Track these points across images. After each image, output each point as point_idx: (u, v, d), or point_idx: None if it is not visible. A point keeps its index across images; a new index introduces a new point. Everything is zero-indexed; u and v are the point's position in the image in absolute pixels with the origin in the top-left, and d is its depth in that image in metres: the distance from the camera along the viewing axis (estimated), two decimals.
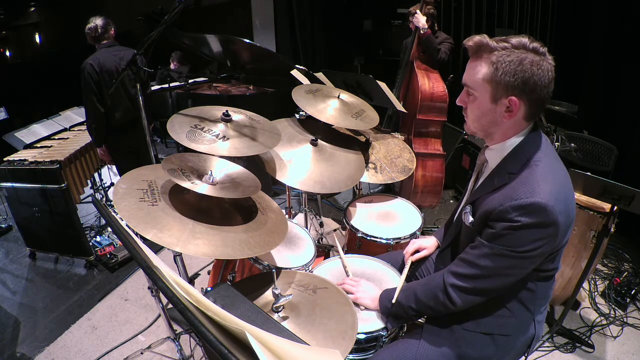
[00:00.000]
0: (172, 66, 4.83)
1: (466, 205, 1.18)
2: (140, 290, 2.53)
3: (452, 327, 1.21)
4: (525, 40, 0.98)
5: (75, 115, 3.45)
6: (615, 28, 2.97)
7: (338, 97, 1.97)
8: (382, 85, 2.28)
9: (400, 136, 2.35)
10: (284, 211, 1.93)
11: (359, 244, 1.84)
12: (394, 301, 1.25)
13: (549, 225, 0.97)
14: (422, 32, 2.72)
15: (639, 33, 2.75)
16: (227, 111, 1.61)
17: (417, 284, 1.26)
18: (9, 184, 2.58)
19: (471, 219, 1.14)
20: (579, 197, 2.02)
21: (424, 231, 2.40)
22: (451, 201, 3.66)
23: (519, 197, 0.98)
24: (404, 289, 1.28)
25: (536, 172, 1.01)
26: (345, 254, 1.64)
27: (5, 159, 2.60)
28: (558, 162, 1.09)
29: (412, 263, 1.51)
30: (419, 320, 1.32)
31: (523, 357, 1.32)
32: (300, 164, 1.73)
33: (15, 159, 2.57)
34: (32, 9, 4.92)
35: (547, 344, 2.09)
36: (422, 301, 1.20)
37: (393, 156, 2.11)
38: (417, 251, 1.53)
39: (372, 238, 1.80)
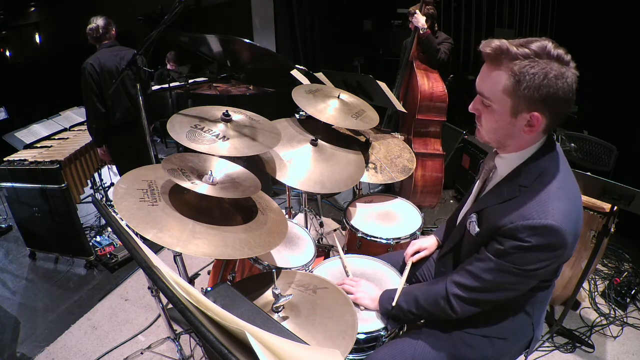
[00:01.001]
0: (168, 66, 4.83)
1: (472, 214, 1.14)
2: (140, 290, 2.53)
3: (451, 329, 1.21)
4: (548, 45, 0.90)
5: (75, 115, 3.45)
6: (615, 28, 2.97)
7: (338, 97, 1.97)
8: (382, 85, 2.28)
9: (400, 136, 2.35)
10: (284, 211, 1.93)
11: (359, 244, 1.84)
12: (394, 304, 1.25)
13: (559, 248, 0.96)
14: (421, 32, 2.72)
15: (638, 33, 2.75)
16: (227, 111, 1.61)
17: (418, 289, 1.25)
18: (9, 184, 2.58)
19: (477, 229, 1.10)
20: None
21: (424, 231, 2.40)
22: (451, 201, 3.67)
23: (532, 217, 0.94)
24: (404, 292, 1.27)
25: (549, 190, 0.97)
26: (345, 254, 1.64)
27: (5, 159, 2.60)
28: (570, 175, 1.05)
29: (413, 264, 1.51)
30: None
31: (523, 357, 1.32)
32: (300, 164, 1.73)
33: (15, 159, 2.57)
34: (32, 9, 4.92)
35: (547, 344, 2.09)
36: (423, 307, 1.20)
37: (393, 156, 2.11)
38: (417, 252, 1.52)
39: (372, 238, 1.80)
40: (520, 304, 1.16)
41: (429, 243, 1.53)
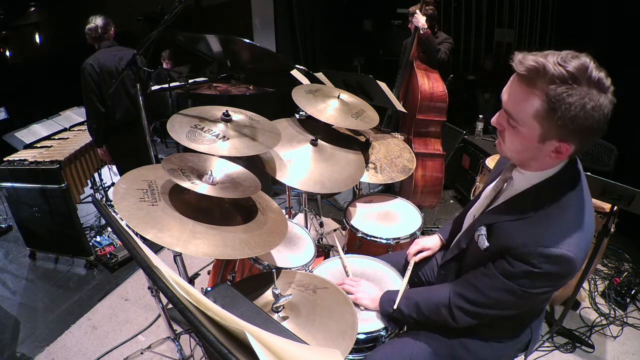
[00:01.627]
0: (164, 65, 4.83)
1: (481, 226, 1.09)
2: (140, 290, 2.53)
3: (449, 331, 1.21)
4: (590, 66, 0.82)
5: (75, 115, 3.45)
6: (615, 28, 2.97)
7: (338, 97, 1.97)
8: (382, 85, 2.28)
9: (400, 136, 2.35)
10: (284, 211, 1.93)
11: (359, 244, 1.84)
12: (395, 307, 1.25)
13: (568, 276, 0.95)
14: (421, 32, 2.72)
15: (638, 33, 2.75)
16: (227, 111, 1.61)
17: (420, 295, 1.24)
18: (9, 184, 2.58)
19: (487, 244, 1.06)
20: None
21: (424, 231, 2.39)
22: (451, 201, 3.66)
23: (547, 244, 0.91)
24: (405, 295, 1.27)
25: (567, 216, 0.94)
26: (345, 254, 1.64)
27: (5, 159, 2.60)
28: (588, 200, 1.01)
29: (415, 263, 1.50)
30: None
31: (522, 357, 1.32)
32: (300, 164, 1.73)
33: (15, 159, 2.57)
34: (32, 9, 4.92)
35: (547, 344, 2.09)
36: (425, 314, 1.20)
37: (393, 156, 2.11)
38: (420, 251, 1.52)
39: (372, 238, 1.80)
40: (518, 312, 1.15)
41: (433, 243, 1.52)
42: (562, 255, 0.90)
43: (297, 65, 2.91)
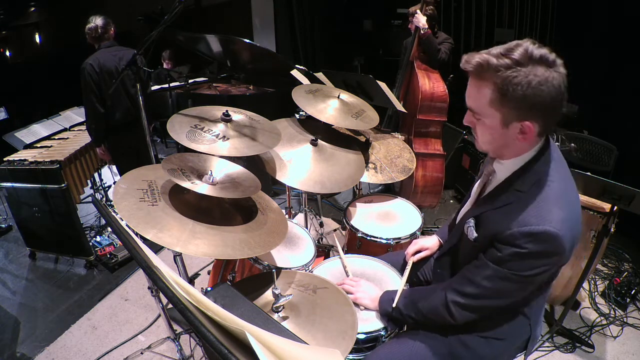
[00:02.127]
0: (164, 65, 4.83)
1: (469, 218, 1.13)
2: (140, 290, 2.53)
3: (448, 329, 1.21)
4: (530, 48, 0.88)
5: (75, 115, 3.45)
6: (615, 28, 2.97)
7: (338, 97, 1.97)
8: (382, 85, 2.28)
9: (400, 136, 2.35)
10: (284, 211, 1.93)
11: (359, 244, 1.84)
12: (394, 305, 1.26)
13: (556, 254, 0.96)
14: (422, 32, 2.72)
15: (638, 33, 2.75)
16: (227, 111, 1.61)
17: (418, 295, 1.25)
18: (9, 184, 2.58)
19: (475, 234, 1.10)
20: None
21: (424, 231, 2.40)
22: (451, 201, 3.66)
23: (529, 223, 0.94)
24: (404, 295, 1.28)
25: (547, 195, 0.97)
26: (345, 254, 1.64)
27: (5, 159, 2.60)
28: (569, 179, 1.04)
29: (414, 264, 1.50)
30: None
31: (522, 357, 1.32)
32: (300, 164, 1.73)
33: (15, 159, 2.57)
34: (32, 9, 4.92)
35: (547, 344, 2.09)
36: (422, 313, 1.20)
37: (393, 156, 2.11)
38: (418, 251, 1.52)
39: (372, 238, 1.80)
40: (517, 306, 1.16)
41: (431, 243, 1.53)
42: (546, 231, 0.92)
43: (297, 65, 2.91)
